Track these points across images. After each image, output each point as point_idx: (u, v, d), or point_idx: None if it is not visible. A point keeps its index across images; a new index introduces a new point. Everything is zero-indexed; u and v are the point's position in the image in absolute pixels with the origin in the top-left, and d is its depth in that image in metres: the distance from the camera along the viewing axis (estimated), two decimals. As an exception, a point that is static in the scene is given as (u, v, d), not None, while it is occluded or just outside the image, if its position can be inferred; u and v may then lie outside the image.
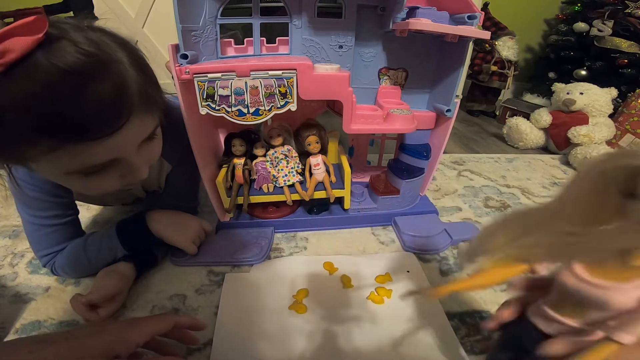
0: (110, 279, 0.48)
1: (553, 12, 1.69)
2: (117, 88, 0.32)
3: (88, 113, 0.30)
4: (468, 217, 0.75)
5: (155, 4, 1.22)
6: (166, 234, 0.54)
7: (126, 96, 0.33)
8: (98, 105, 0.31)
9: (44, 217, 0.50)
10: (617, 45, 1.31)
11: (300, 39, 0.57)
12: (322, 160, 0.61)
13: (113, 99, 0.32)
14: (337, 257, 0.60)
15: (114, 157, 0.36)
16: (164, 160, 0.57)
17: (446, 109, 0.59)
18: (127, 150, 0.37)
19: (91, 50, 0.31)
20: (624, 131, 1.07)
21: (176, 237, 0.55)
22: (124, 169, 0.39)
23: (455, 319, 0.49)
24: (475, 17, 0.50)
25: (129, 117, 0.34)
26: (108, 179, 0.39)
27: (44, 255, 0.52)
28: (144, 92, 0.35)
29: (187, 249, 0.56)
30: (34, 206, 0.49)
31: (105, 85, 0.31)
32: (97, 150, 0.34)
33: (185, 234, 0.56)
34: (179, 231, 0.55)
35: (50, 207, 0.50)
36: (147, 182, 0.58)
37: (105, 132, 0.32)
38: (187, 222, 0.57)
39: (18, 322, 0.47)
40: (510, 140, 1.23)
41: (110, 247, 0.52)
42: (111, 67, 0.32)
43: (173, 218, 0.56)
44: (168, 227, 0.55)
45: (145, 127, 0.38)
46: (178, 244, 0.55)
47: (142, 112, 0.36)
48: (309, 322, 0.48)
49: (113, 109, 0.32)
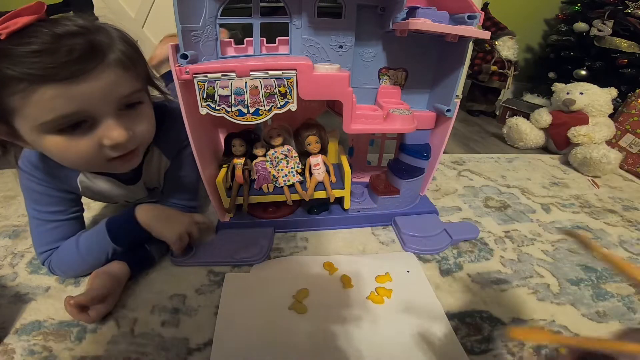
0: (101, 279, 0.48)
1: (553, 12, 1.68)
2: (90, 42, 0.37)
3: (58, 57, 0.35)
4: (468, 217, 0.75)
5: (155, 4, 1.22)
6: (154, 227, 0.52)
7: (99, 50, 0.38)
8: (69, 51, 0.35)
9: (47, 212, 0.51)
10: (617, 45, 1.31)
11: (300, 39, 0.57)
12: (322, 160, 0.61)
13: (84, 48, 0.36)
14: (337, 257, 0.60)
15: (83, 109, 0.38)
16: (163, 155, 0.57)
17: (446, 109, 0.59)
18: (98, 105, 0.39)
19: (84, 23, 0.38)
20: (624, 131, 1.07)
21: (163, 231, 0.53)
22: (102, 133, 0.40)
23: (455, 319, 0.49)
24: (475, 17, 0.50)
25: (97, 65, 0.37)
26: (85, 142, 0.40)
27: (43, 251, 0.52)
28: (124, 55, 0.40)
29: (172, 244, 0.54)
30: (38, 200, 0.50)
31: (82, 39, 0.36)
32: (65, 96, 0.36)
33: (172, 228, 0.54)
34: (167, 225, 0.54)
35: (54, 202, 0.51)
36: (147, 177, 0.59)
37: (70, 73, 0.35)
38: (176, 216, 0.56)
39: (18, 322, 0.47)
40: (510, 140, 1.23)
41: (101, 244, 0.51)
42: (95, 32, 0.38)
43: (162, 211, 0.55)
44: (156, 220, 0.53)
45: (120, 85, 0.40)
46: (164, 238, 0.53)
47: (117, 68, 0.39)
48: (309, 322, 0.48)
49: (82, 55, 0.36)
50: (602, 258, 0.31)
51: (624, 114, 1.07)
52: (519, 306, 0.52)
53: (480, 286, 0.56)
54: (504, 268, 0.60)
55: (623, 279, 0.57)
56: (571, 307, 0.52)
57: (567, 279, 0.58)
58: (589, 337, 0.30)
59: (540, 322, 0.50)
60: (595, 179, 0.97)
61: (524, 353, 0.45)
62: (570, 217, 0.77)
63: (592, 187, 0.93)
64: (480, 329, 0.48)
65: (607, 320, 0.50)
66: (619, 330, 0.30)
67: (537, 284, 0.57)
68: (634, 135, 1.04)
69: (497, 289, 0.55)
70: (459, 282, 0.56)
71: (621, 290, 0.56)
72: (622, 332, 0.29)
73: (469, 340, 0.46)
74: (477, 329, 0.48)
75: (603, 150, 0.95)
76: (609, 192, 0.91)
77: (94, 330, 0.46)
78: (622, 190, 0.92)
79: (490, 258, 0.62)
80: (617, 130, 1.08)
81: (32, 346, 0.44)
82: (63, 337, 0.45)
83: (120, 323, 0.47)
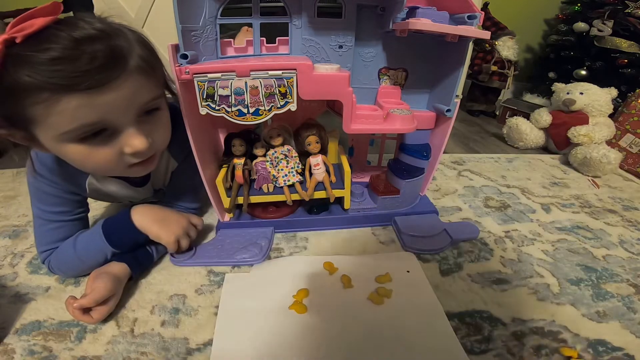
0: (102, 281, 0.47)
1: (553, 12, 1.68)
2: (112, 49, 0.36)
3: (80, 65, 0.33)
4: (468, 217, 0.75)
5: (155, 4, 1.21)
6: (150, 229, 0.52)
7: (122, 57, 0.37)
8: (91, 59, 0.34)
9: (51, 212, 0.51)
10: (617, 45, 1.31)
11: (300, 39, 0.57)
12: (322, 160, 0.61)
13: (107, 55, 0.35)
14: (337, 257, 0.60)
15: (106, 118, 0.37)
16: (171, 157, 0.57)
17: (446, 109, 0.59)
18: (120, 114, 0.38)
19: (102, 27, 0.37)
20: (624, 131, 1.07)
21: (160, 234, 0.52)
22: (123, 141, 0.40)
23: (455, 319, 0.49)
24: (475, 17, 0.50)
25: (120, 74, 0.36)
26: (107, 151, 0.40)
27: (43, 251, 0.52)
28: (144, 61, 0.39)
29: (169, 246, 0.53)
30: (44, 200, 0.51)
31: (103, 45, 0.35)
32: (88, 106, 0.35)
33: (168, 230, 0.53)
34: (163, 227, 0.53)
35: (60, 202, 0.51)
36: (155, 179, 0.59)
37: (94, 82, 0.35)
38: (173, 217, 0.55)
39: (18, 322, 0.47)
40: (510, 140, 1.23)
41: (98, 247, 0.51)
42: (114, 36, 0.37)
43: (159, 213, 0.54)
44: (152, 222, 0.52)
45: (141, 93, 0.40)
46: (161, 240, 0.53)
47: (139, 75, 0.39)
48: (309, 322, 0.48)
49: (105, 63, 0.35)
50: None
51: (624, 114, 1.07)
52: (519, 306, 0.52)
53: (480, 286, 0.56)
54: (504, 268, 0.60)
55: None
56: (571, 307, 0.52)
57: (567, 279, 0.58)
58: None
59: (540, 322, 0.50)
60: (595, 179, 0.97)
61: (524, 353, 0.45)
62: (570, 217, 0.77)
63: (592, 187, 0.93)
64: (480, 329, 0.48)
65: (607, 320, 0.50)
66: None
67: (537, 284, 0.57)
68: (634, 135, 1.04)
69: (497, 289, 0.55)
70: (459, 282, 0.56)
71: (621, 290, 0.56)
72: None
73: (469, 340, 0.46)
74: (477, 329, 0.48)
75: (603, 150, 0.95)
76: (609, 192, 0.91)
77: (94, 330, 0.46)
78: (622, 190, 0.92)
79: (490, 258, 0.62)
80: (617, 130, 1.08)
81: (32, 346, 0.44)
82: (63, 337, 0.45)
83: (120, 323, 0.47)
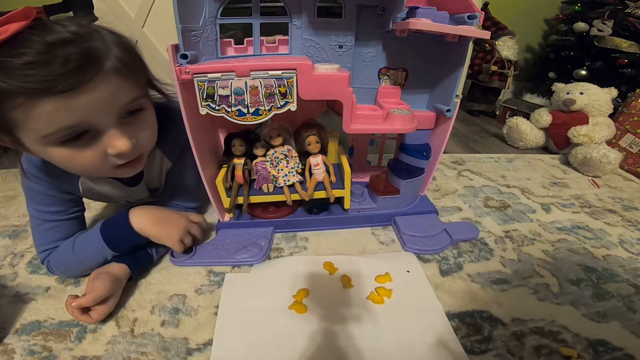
0: (102, 280, 0.47)
1: (553, 12, 1.68)
2: (86, 51, 0.35)
3: (54, 68, 0.33)
4: (468, 217, 0.75)
5: (155, 4, 1.21)
6: (151, 232, 0.52)
7: (96, 59, 0.36)
8: (64, 62, 0.34)
9: (47, 212, 0.51)
10: (617, 45, 1.31)
11: (300, 39, 0.57)
12: (322, 160, 0.61)
13: (80, 58, 0.35)
14: (337, 257, 0.60)
15: (85, 120, 0.38)
16: (164, 157, 0.57)
17: (446, 109, 0.59)
18: (100, 115, 0.38)
19: (77, 30, 0.36)
20: (624, 131, 1.07)
21: (162, 236, 0.52)
22: (106, 143, 0.40)
23: (455, 319, 0.49)
24: (475, 17, 0.50)
25: (94, 76, 0.36)
26: (90, 153, 0.40)
27: (42, 251, 0.52)
28: (122, 63, 0.39)
29: (173, 247, 0.54)
30: (39, 200, 0.51)
31: (77, 48, 0.35)
32: (65, 109, 0.36)
33: (170, 232, 0.53)
34: (164, 228, 0.53)
35: (54, 202, 0.51)
36: (149, 179, 0.59)
37: (68, 85, 0.34)
38: (172, 219, 0.55)
39: (18, 322, 0.47)
40: (510, 140, 1.23)
41: (97, 249, 0.51)
42: (89, 39, 0.36)
43: (157, 214, 0.54)
44: (152, 224, 0.52)
45: (120, 94, 0.40)
46: (164, 242, 0.53)
47: (116, 76, 0.38)
48: (309, 322, 0.48)
49: (78, 66, 0.35)
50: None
51: (624, 114, 1.07)
52: (519, 306, 0.52)
53: (480, 286, 0.56)
54: (504, 268, 0.60)
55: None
56: (571, 307, 0.52)
57: (567, 279, 0.58)
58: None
59: (540, 322, 0.50)
60: (595, 179, 0.97)
61: (524, 353, 0.45)
62: (570, 217, 0.77)
63: (592, 187, 0.93)
64: (480, 329, 0.48)
65: (607, 320, 0.50)
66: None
67: (537, 284, 0.57)
68: (634, 135, 1.04)
69: (497, 289, 0.55)
70: (459, 282, 0.56)
71: (621, 290, 0.56)
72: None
73: (469, 340, 0.46)
74: (477, 329, 0.48)
75: (603, 150, 0.95)
76: (609, 192, 0.91)
77: (94, 330, 0.46)
78: (622, 190, 0.92)
79: (490, 258, 0.62)
80: (617, 130, 1.08)
81: (32, 346, 0.44)
82: (63, 337, 0.45)
83: (120, 323, 0.47)
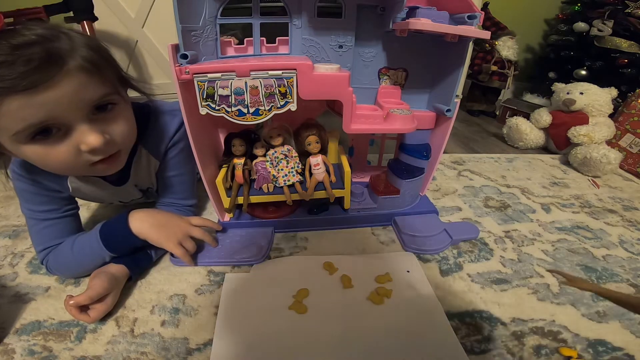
0: (99, 279, 0.47)
1: (553, 12, 1.68)
2: (48, 51, 0.36)
3: (17, 68, 0.34)
4: (468, 217, 0.75)
5: (155, 4, 1.21)
6: (149, 235, 0.52)
7: (59, 58, 0.37)
8: (27, 61, 0.34)
9: (40, 211, 0.51)
10: (617, 45, 1.31)
11: (300, 39, 0.57)
12: (322, 160, 0.61)
13: (42, 57, 0.35)
14: (337, 257, 0.60)
15: (52, 116, 0.38)
16: (151, 156, 0.57)
17: (446, 109, 0.59)
18: (67, 111, 0.39)
19: (43, 32, 0.37)
20: (624, 131, 1.07)
21: (161, 240, 0.52)
22: (77, 139, 0.40)
23: (455, 319, 0.49)
24: (475, 17, 0.50)
25: (56, 73, 0.36)
26: (63, 149, 0.40)
27: (40, 250, 0.52)
28: (88, 62, 0.39)
29: (174, 252, 0.53)
30: (31, 200, 0.51)
31: (40, 48, 0.35)
32: (31, 106, 0.36)
33: (169, 235, 0.53)
34: (164, 233, 0.53)
35: (46, 201, 0.51)
36: (138, 179, 0.58)
37: (30, 82, 0.35)
38: (172, 222, 0.55)
39: (18, 322, 0.47)
40: (510, 140, 1.23)
41: (95, 251, 0.51)
42: (53, 40, 0.37)
43: (157, 218, 0.54)
44: (151, 228, 0.52)
45: (87, 91, 0.40)
46: (163, 246, 0.53)
47: (81, 74, 0.39)
48: (309, 322, 0.48)
49: (40, 64, 0.35)
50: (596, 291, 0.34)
51: (624, 114, 1.07)
52: (519, 306, 0.52)
53: (480, 286, 0.56)
54: (504, 268, 0.60)
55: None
56: (571, 307, 0.52)
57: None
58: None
59: (540, 322, 0.50)
60: (595, 179, 0.97)
61: (524, 353, 0.45)
62: (570, 217, 0.77)
63: (592, 187, 0.93)
64: (480, 329, 0.48)
65: (607, 320, 0.50)
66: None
67: (537, 284, 0.57)
68: (634, 135, 1.04)
69: (497, 289, 0.55)
70: (459, 282, 0.56)
71: (621, 290, 0.56)
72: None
73: (469, 340, 0.46)
74: (477, 329, 0.48)
75: (603, 150, 0.95)
76: (609, 192, 0.91)
77: (94, 330, 0.46)
78: (622, 190, 0.92)
79: (490, 258, 0.62)
80: (617, 130, 1.08)
81: (32, 346, 0.44)
82: (63, 337, 0.45)
83: (120, 323, 0.47)
